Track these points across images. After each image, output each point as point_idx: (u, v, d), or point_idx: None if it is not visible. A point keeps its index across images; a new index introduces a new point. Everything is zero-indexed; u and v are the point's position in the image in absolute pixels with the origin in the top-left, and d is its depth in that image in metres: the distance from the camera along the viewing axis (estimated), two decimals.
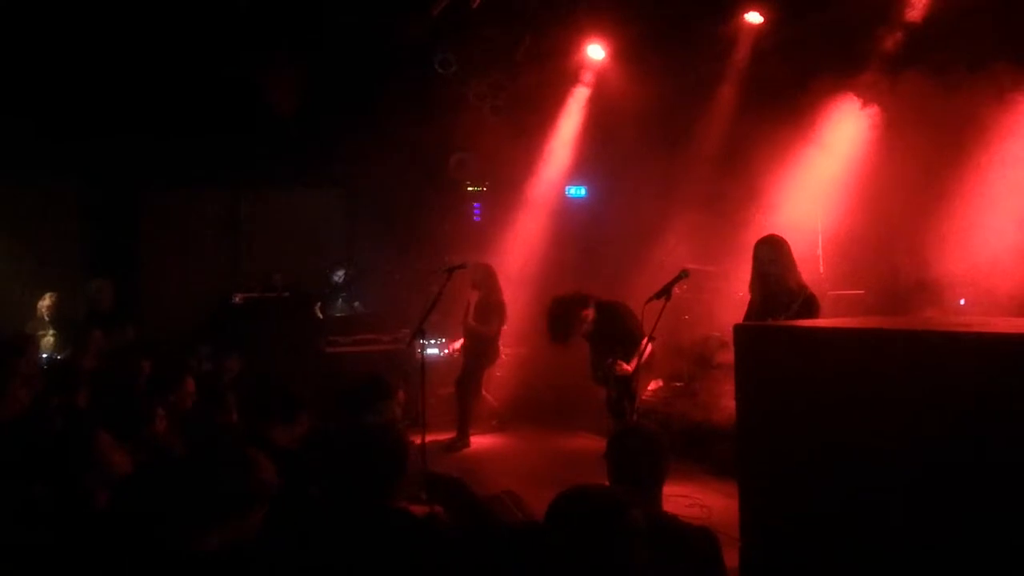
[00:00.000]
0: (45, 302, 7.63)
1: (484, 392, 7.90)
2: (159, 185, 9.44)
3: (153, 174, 9.17)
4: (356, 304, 9.64)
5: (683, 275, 5.25)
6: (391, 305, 9.25)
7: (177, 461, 3.48)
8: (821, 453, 2.65)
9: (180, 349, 6.98)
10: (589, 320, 5.95)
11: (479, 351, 7.66)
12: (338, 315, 9.29)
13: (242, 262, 9.71)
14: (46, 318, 7.59)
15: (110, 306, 7.58)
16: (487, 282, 7.56)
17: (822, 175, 7.39)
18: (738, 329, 2.96)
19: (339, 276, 9.58)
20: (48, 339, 7.44)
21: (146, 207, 9.64)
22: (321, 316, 9.07)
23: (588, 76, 9.23)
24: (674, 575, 2.42)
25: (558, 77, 9.11)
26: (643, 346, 5.31)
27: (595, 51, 9.00)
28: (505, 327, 7.82)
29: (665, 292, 5.11)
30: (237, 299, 8.48)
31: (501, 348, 7.93)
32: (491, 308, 7.55)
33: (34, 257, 8.47)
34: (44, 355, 7.03)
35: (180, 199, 9.73)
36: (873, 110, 7.15)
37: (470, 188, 10.12)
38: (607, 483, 5.34)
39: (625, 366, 5.66)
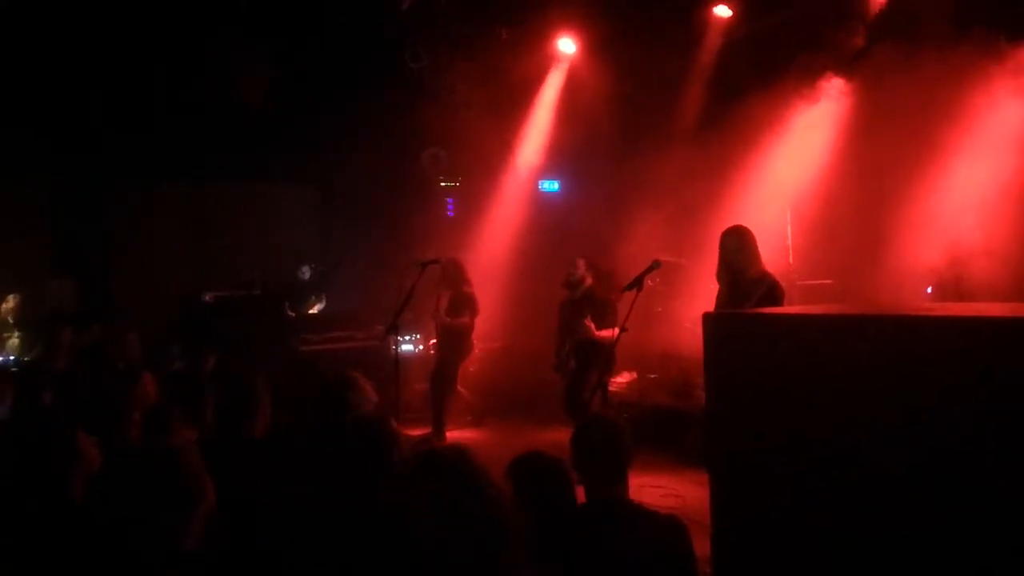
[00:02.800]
0: (8, 304, 7.51)
1: (459, 387, 7.90)
2: (126, 182, 9.30)
3: (120, 171, 9.03)
4: (324, 302, 9.56)
5: (655, 266, 5.32)
6: (364, 301, 9.21)
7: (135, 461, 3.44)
8: (790, 440, 2.67)
9: (150, 348, 6.90)
10: (581, 271, 6.33)
11: (453, 345, 7.65)
12: (310, 312, 9.22)
13: (212, 260, 9.60)
14: (10, 320, 7.47)
15: (73, 306, 7.48)
16: (456, 277, 7.54)
17: (791, 166, 7.48)
18: (707, 317, 2.98)
19: (304, 273, 9.51)
20: (13, 341, 7.33)
21: (113, 204, 9.49)
22: (292, 314, 9.00)
23: (560, 70, 9.25)
24: (642, 561, 2.45)
25: (530, 71, 9.12)
26: (615, 335, 5.36)
27: (566, 45, 9.03)
28: (479, 320, 7.81)
29: (637, 283, 5.17)
30: (208, 297, 8.40)
31: (475, 342, 7.92)
32: (462, 302, 7.55)
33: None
34: (11, 357, 6.92)
35: (148, 196, 9.59)
36: (840, 101, 7.24)
37: (443, 183, 10.11)
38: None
39: (592, 327, 5.88)
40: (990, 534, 2.18)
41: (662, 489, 5.48)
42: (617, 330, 5.30)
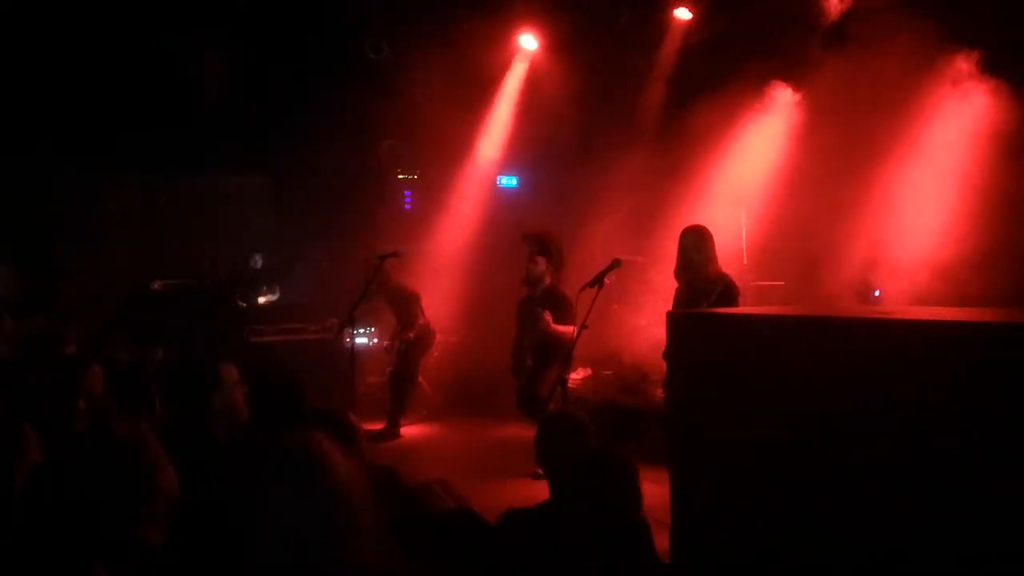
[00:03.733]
0: None
1: (420, 379, 7.86)
2: (73, 167, 9.02)
3: (67, 156, 8.76)
4: (277, 292, 9.42)
5: (615, 264, 5.34)
6: (319, 294, 9.09)
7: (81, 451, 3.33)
8: (749, 437, 2.72)
9: (94, 338, 6.71)
10: (541, 268, 6.22)
11: (416, 344, 7.64)
12: (261, 303, 9.07)
13: (161, 251, 9.37)
14: None
15: (14, 292, 7.24)
16: (384, 279, 7.33)
17: (746, 168, 7.59)
18: (671, 316, 3.01)
19: (256, 262, 9.35)
20: None
21: (58, 192, 9.20)
22: (244, 305, 8.84)
23: (520, 65, 9.24)
24: (604, 558, 2.45)
25: (490, 66, 9.09)
26: (575, 331, 5.38)
27: (528, 41, 9.02)
28: (435, 313, 7.77)
29: (597, 281, 5.20)
30: (156, 286, 8.19)
31: (436, 333, 7.88)
32: (406, 304, 7.52)
33: None
34: None
35: (95, 183, 9.32)
36: (796, 103, 7.37)
37: (401, 176, 10.03)
38: (540, 471, 5.41)
39: (551, 322, 5.85)
40: (937, 525, 2.24)
41: None
42: (575, 328, 5.32)
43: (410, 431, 7.65)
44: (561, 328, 5.87)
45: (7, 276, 7.26)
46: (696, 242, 5.16)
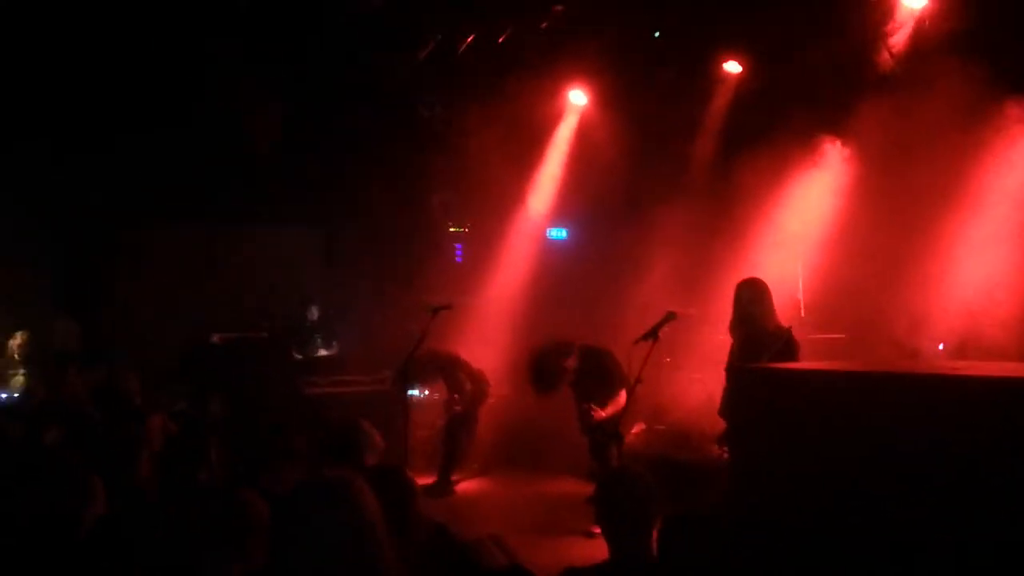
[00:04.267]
0: (16, 340, 7.48)
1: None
2: (134, 222, 9.32)
3: (128, 211, 9.06)
4: (332, 345, 9.54)
5: (670, 317, 5.30)
6: (370, 346, 9.16)
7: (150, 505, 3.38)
8: (813, 491, 2.64)
9: (153, 388, 6.85)
10: (571, 369, 5.98)
11: (472, 402, 7.63)
12: (316, 356, 9.18)
13: (217, 303, 9.58)
14: (17, 356, 7.43)
15: (78, 346, 7.46)
16: (435, 362, 7.41)
17: (801, 219, 7.50)
18: (732, 370, 2.96)
19: (313, 313, 9.50)
20: (18, 378, 7.28)
21: (120, 244, 9.50)
22: (299, 356, 8.95)
23: (571, 120, 9.35)
24: None
25: (540, 120, 9.22)
26: (622, 394, 5.33)
27: (577, 96, 9.14)
28: (488, 365, 7.74)
29: (652, 334, 5.15)
30: (215, 339, 8.36)
31: (485, 384, 7.86)
32: (453, 378, 7.53)
33: (7, 297, 8.30)
34: (15, 394, 6.88)
35: (155, 237, 9.61)
36: (848, 154, 7.30)
37: (452, 228, 10.15)
38: (593, 528, 5.30)
39: (598, 411, 5.70)
40: None
41: None
42: (623, 395, 5.24)
43: (461, 485, 7.59)
44: (611, 409, 5.75)
45: (71, 329, 7.50)
46: (753, 295, 5.10)
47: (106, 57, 7.70)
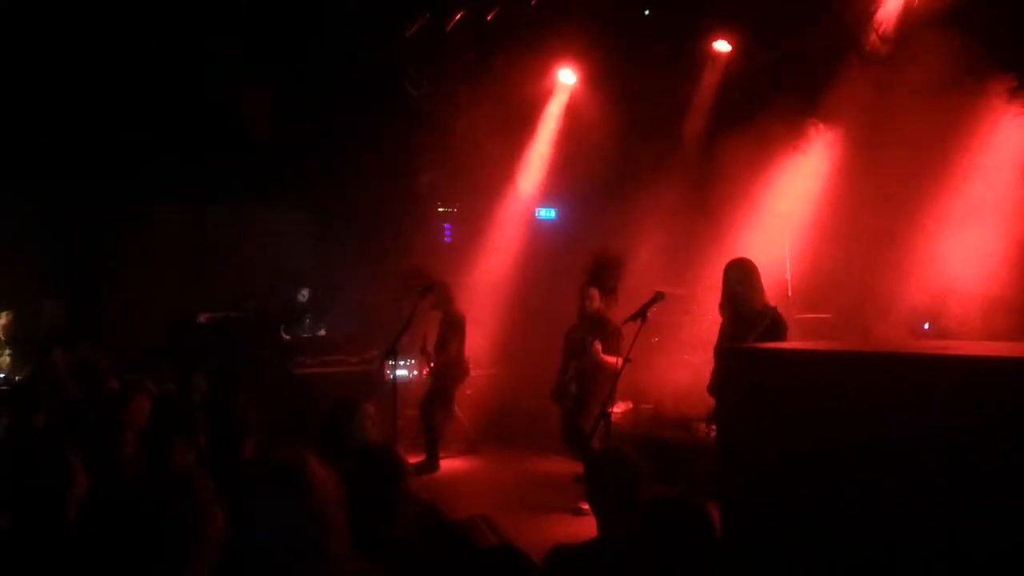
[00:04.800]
0: (1, 320, 7.42)
1: (457, 410, 7.83)
2: (121, 202, 9.26)
3: (115, 191, 8.99)
4: (321, 326, 9.53)
5: (659, 297, 5.30)
6: (359, 326, 9.15)
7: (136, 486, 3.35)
8: (803, 474, 2.65)
9: (141, 368, 6.82)
10: (595, 304, 6.22)
11: (445, 375, 7.61)
12: (305, 336, 9.16)
13: (206, 282, 9.54)
14: (1, 337, 7.38)
15: (65, 325, 7.41)
16: (444, 299, 7.53)
17: (789, 200, 7.51)
18: (720, 351, 2.96)
19: (303, 296, 9.48)
20: (4, 359, 7.23)
21: (106, 225, 9.44)
22: (287, 337, 8.93)
23: (559, 99, 9.30)
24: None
25: (529, 100, 9.17)
26: (619, 365, 5.34)
27: (566, 75, 9.09)
28: (475, 346, 7.76)
29: (640, 314, 5.15)
30: (202, 319, 8.33)
31: (469, 365, 7.87)
32: (449, 328, 7.53)
33: None
34: (1, 375, 6.83)
35: (142, 217, 9.55)
36: (840, 134, 7.30)
37: (440, 208, 10.12)
38: (582, 506, 5.32)
39: (599, 349, 5.87)
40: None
41: None
42: (621, 360, 5.27)
43: (449, 464, 7.62)
44: (609, 359, 5.82)
45: (57, 309, 7.45)
46: (741, 275, 5.10)
47: (97, 38, 7.60)
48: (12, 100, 7.84)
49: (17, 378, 6.80)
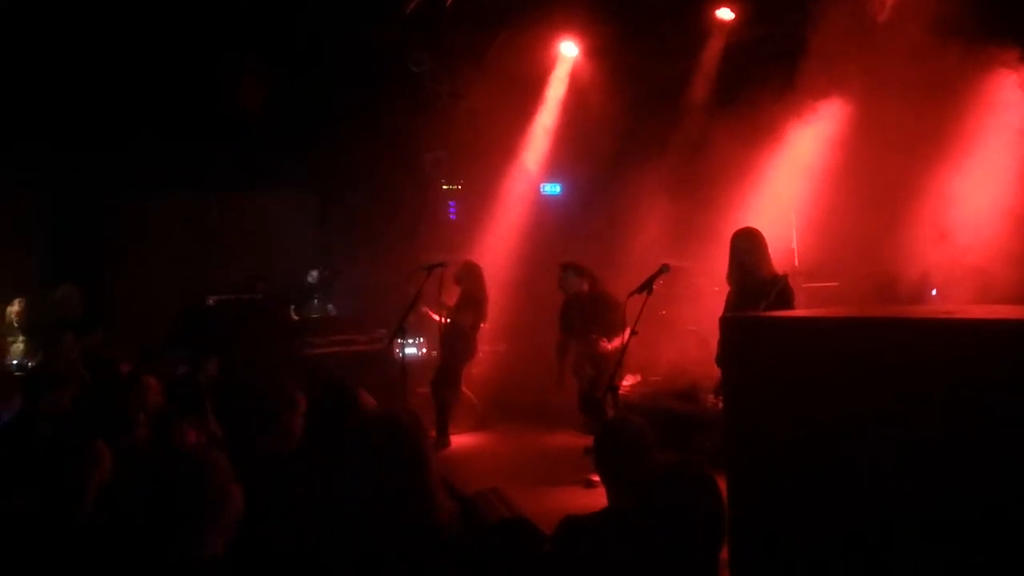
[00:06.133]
0: (14, 308, 7.48)
1: (464, 389, 7.86)
2: (127, 189, 9.29)
3: (121, 177, 9.03)
4: (330, 306, 9.58)
5: (664, 270, 5.30)
6: (367, 306, 9.19)
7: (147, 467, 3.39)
8: (808, 441, 2.66)
9: (151, 352, 6.87)
10: (584, 292, 6.28)
11: (455, 348, 7.60)
12: (313, 316, 9.21)
13: (214, 265, 9.59)
14: (15, 324, 7.44)
15: (78, 311, 7.45)
16: (470, 276, 7.52)
17: (795, 169, 7.47)
18: (725, 321, 2.97)
19: (313, 277, 9.52)
20: (18, 345, 7.30)
21: (114, 211, 9.49)
22: (296, 318, 8.98)
23: (561, 73, 9.25)
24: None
25: (532, 74, 9.11)
26: (625, 337, 5.36)
27: (568, 48, 9.02)
28: (485, 325, 7.77)
29: (646, 287, 5.16)
30: (211, 301, 8.37)
31: (479, 345, 7.89)
32: (470, 302, 7.51)
33: (3, 265, 8.28)
34: (15, 361, 6.89)
35: (149, 202, 9.59)
36: (847, 102, 7.24)
37: (445, 187, 10.11)
38: (592, 478, 5.37)
39: (605, 343, 5.87)
40: (1010, 532, 2.17)
41: None
42: (627, 334, 5.29)
43: (459, 440, 7.66)
44: (618, 343, 5.84)
45: (71, 294, 7.49)
46: (748, 244, 5.10)
47: (99, 27, 7.59)
48: (21, 89, 7.85)
49: (30, 364, 6.86)
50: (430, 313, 7.64)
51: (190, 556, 2.10)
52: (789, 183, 7.54)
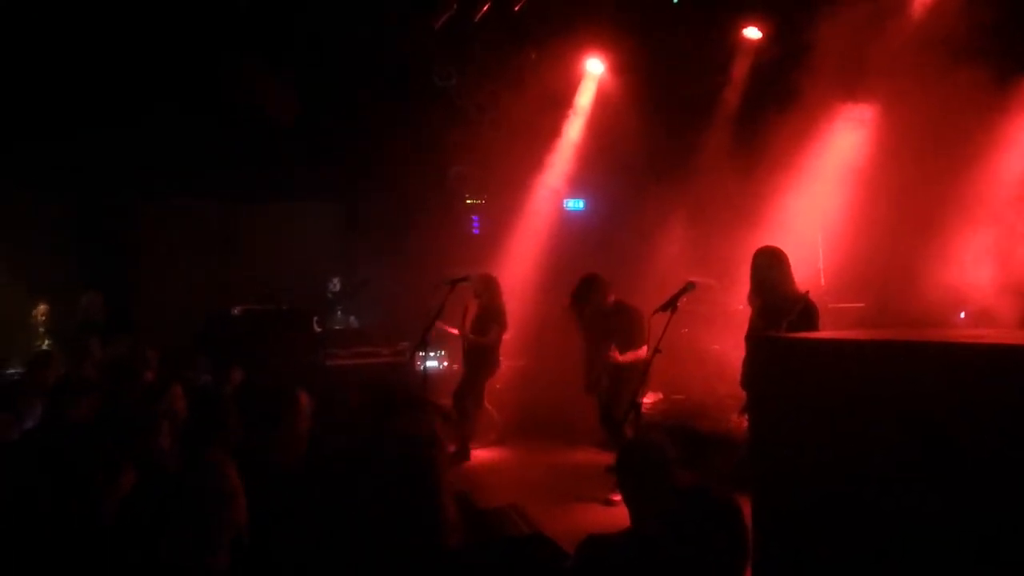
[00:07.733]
0: (39, 309, 7.58)
1: (486, 403, 7.85)
2: (155, 197, 9.41)
3: (149, 186, 9.14)
4: (352, 318, 9.61)
5: (689, 287, 5.26)
6: (389, 318, 9.21)
7: (170, 477, 3.39)
8: (835, 462, 2.63)
9: (176, 360, 6.91)
10: (607, 304, 6.14)
11: (478, 362, 7.60)
12: (336, 328, 9.24)
13: (239, 275, 9.66)
14: (41, 329, 7.54)
15: (102, 318, 7.54)
16: (488, 290, 7.51)
17: (822, 188, 7.41)
18: (752, 342, 2.94)
19: (335, 285, 9.55)
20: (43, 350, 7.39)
21: (142, 219, 9.60)
22: (319, 329, 9.01)
23: (587, 90, 9.26)
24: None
25: (557, 91, 9.14)
26: (647, 355, 5.31)
27: (594, 65, 9.04)
28: (505, 336, 7.76)
29: (671, 304, 5.13)
30: (236, 311, 8.43)
31: (501, 359, 7.87)
32: (491, 316, 7.49)
33: (29, 269, 8.40)
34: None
35: (176, 211, 9.70)
36: (873, 123, 7.19)
37: (469, 201, 10.13)
38: (613, 497, 5.31)
39: (617, 354, 5.81)
40: None
41: None
42: (647, 350, 5.25)
43: (480, 455, 7.64)
44: (630, 356, 5.80)
45: (96, 302, 7.58)
46: (770, 262, 5.05)
47: (126, 32, 7.70)
48: (50, 96, 7.98)
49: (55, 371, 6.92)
50: (447, 328, 7.65)
51: (194, 566, 2.10)
52: (816, 202, 7.48)
